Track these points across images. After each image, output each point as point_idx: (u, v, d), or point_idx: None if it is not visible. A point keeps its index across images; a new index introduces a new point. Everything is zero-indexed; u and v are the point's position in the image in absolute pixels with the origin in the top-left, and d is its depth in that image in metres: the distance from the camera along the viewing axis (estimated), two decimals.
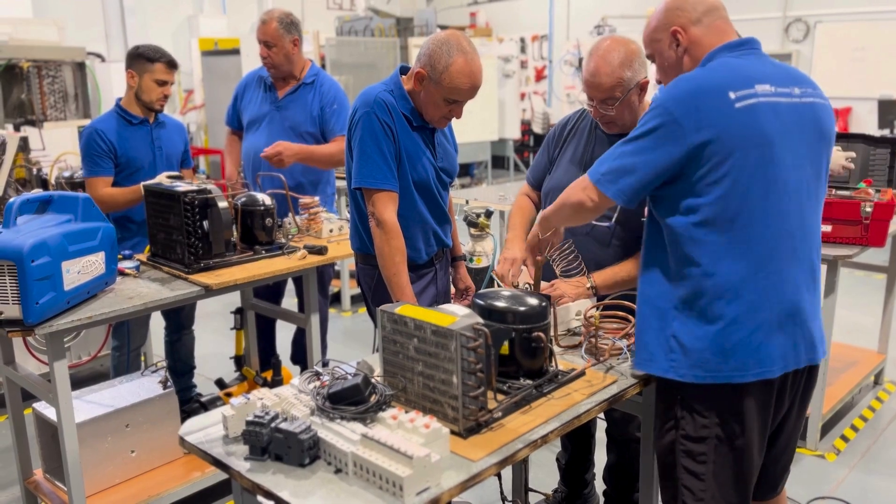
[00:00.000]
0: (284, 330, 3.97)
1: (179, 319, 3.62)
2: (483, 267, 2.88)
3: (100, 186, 3.21)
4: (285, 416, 1.56)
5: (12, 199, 2.44)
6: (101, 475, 2.80)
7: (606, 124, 2.37)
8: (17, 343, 3.31)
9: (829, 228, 3.21)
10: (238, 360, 3.81)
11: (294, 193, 3.39)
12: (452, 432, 1.57)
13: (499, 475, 1.97)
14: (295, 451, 1.48)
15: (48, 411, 2.73)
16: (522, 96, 12.25)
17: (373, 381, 1.63)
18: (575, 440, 2.78)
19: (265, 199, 3.05)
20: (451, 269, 2.76)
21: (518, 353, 1.80)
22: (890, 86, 8.50)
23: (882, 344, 4.17)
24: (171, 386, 3.01)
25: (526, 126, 12.20)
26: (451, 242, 2.70)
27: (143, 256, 2.97)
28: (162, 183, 3.00)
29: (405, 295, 2.36)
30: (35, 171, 4.26)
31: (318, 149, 3.49)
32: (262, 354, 3.81)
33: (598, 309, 2.07)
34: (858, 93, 8.69)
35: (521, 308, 1.81)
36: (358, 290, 4.06)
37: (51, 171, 4.24)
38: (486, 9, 12.95)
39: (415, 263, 2.50)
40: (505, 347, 1.79)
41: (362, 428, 1.51)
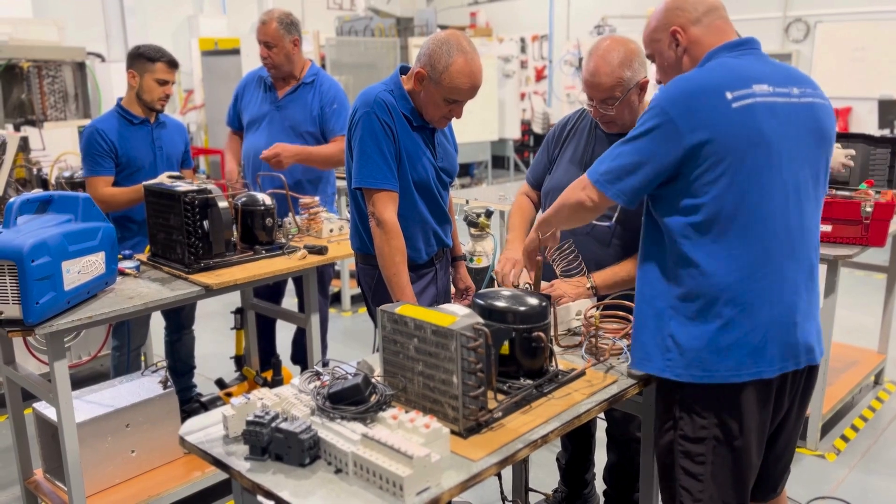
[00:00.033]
0: (284, 330, 3.97)
1: (179, 319, 3.62)
2: (483, 267, 2.89)
3: (100, 186, 3.21)
4: (285, 416, 1.56)
5: (12, 199, 2.44)
6: (101, 475, 2.80)
7: (606, 124, 2.37)
8: (18, 343, 3.31)
9: (829, 228, 3.21)
10: (238, 359, 3.81)
11: (294, 193, 3.39)
12: (453, 432, 1.57)
13: (499, 475, 1.97)
14: (295, 450, 1.48)
15: (48, 411, 2.73)
16: (522, 96, 12.25)
17: (373, 380, 1.63)
18: (575, 440, 2.78)
19: (265, 198, 3.05)
20: (451, 268, 2.76)
21: (518, 353, 1.80)
22: (890, 86, 8.50)
23: (882, 344, 4.17)
24: (172, 386, 3.01)
25: (526, 126, 12.20)
26: (452, 242, 2.70)
27: (144, 256, 2.97)
28: (163, 183, 3.01)
29: (405, 295, 2.36)
30: (35, 171, 4.26)
31: (316, 150, 3.49)
32: (263, 354, 3.82)
33: (598, 309, 2.08)
34: (858, 93, 8.69)
35: (522, 308, 1.81)
36: (358, 290, 4.06)
37: (51, 171, 4.24)
38: (487, 9, 12.95)
39: (415, 263, 2.50)
40: (505, 347, 1.79)
41: (362, 428, 1.51)
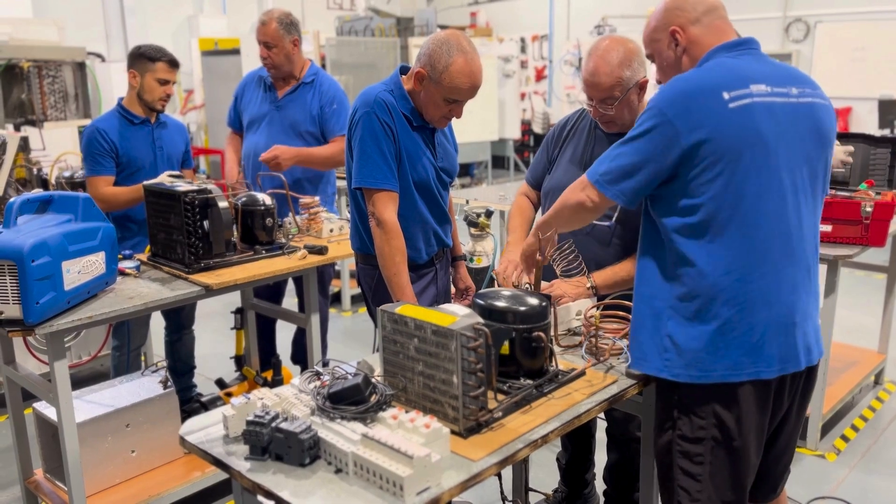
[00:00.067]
0: (285, 330, 3.97)
1: (180, 319, 3.62)
2: (483, 267, 2.89)
3: (101, 185, 3.21)
4: (286, 416, 1.56)
5: (13, 199, 2.45)
6: (101, 475, 2.80)
7: (606, 123, 2.37)
8: (18, 343, 3.31)
9: (829, 228, 3.20)
10: (238, 359, 3.81)
11: (294, 193, 3.39)
12: (453, 432, 1.57)
13: (499, 475, 1.97)
14: (295, 450, 1.48)
15: (48, 411, 2.73)
16: (522, 96, 12.25)
17: (373, 380, 1.63)
18: (575, 440, 2.78)
19: (265, 198, 3.05)
20: (451, 268, 2.76)
21: (518, 353, 1.80)
22: (890, 86, 8.50)
23: (882, 344, 4.17)
24: (172, 386, 3.01)
25: (526, 126, 12.20)
26: (452, 242, 2.70)
27: (144, 256, 2.97)
28: (163, 183, 3.01)
29: (405, 295, 2.36)
30: (35, 171, 4.26)
31: (315, 151, 3.49)
32: (263, 354, 3.82)
33: (598, 309, 2.08)
34: (859, 93, 8.69)
35: (522, 308, 1.81)
36: (358, 290, 4.06)
37: (51, 171, 4.24)
38: (487, 9, 12.95)
39: (415, 263, 2.50)
40: (505, 347, 1.79)
41: (363, 428, 1.51)
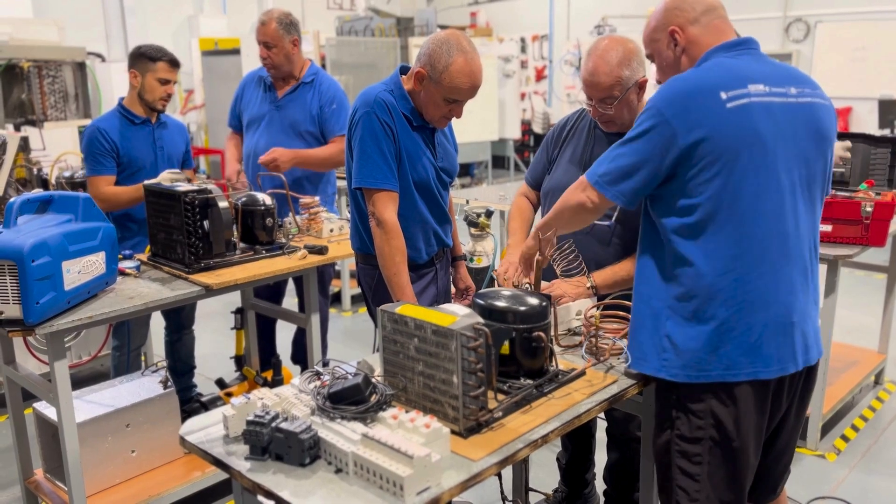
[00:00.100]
0: (285, 330, 3.97)
1: (180, 319, 3.62)
2: (483, 267, 2.89)
3: (102, 185, 3.21)
4: (286, 416, 1.56)
5: (13, 199, 2.45)
6: (101, 475, 2.80)
7: (605, 123, 2.37)
8: (18, 343, 3.31)
9: (829, 228, 3.20)
10: (238, 359, 3.81)
11: (294, 193, 3.39)
12: (453, 432, 1.57)
13: (499, 475, 1.97)
14: (295, 450, 1.48)
15: (49, 411, 2.73)
16: (523, 96, 12.25)
17: (373, 380, 1.63)
18: (575, 440, 2.78)
19: (265, 198, 3.05)
20: (451, 268, 2.76)
21: (518, 353, 1.80)
22: (890, 86, 8.49)
23: (882, 344, 4.17)
24: (172, 386, 3.01)
25: (526, 126, 12.20)
26: (452, 242, 2.70)
27: (144, 256, 2.97)
28: (163, 181, 3.03)
29: (405, 295, 2.36)
30: (35, 171, 4.26)
31: (313, 152, 3.49)
32: (263, 354, 3.82)
33: (598, 308, 2.08)
34: (859, 93, 8.69)
35: (522, 308, 1.81)
36: (358, 290, 4.06)
37: (51, 171, 4.24)
38: (487, 9, 12.95)
39: (415, 263, 2.50)
40: (505, 347, 1.79)
41: (363, 428, 1.51)
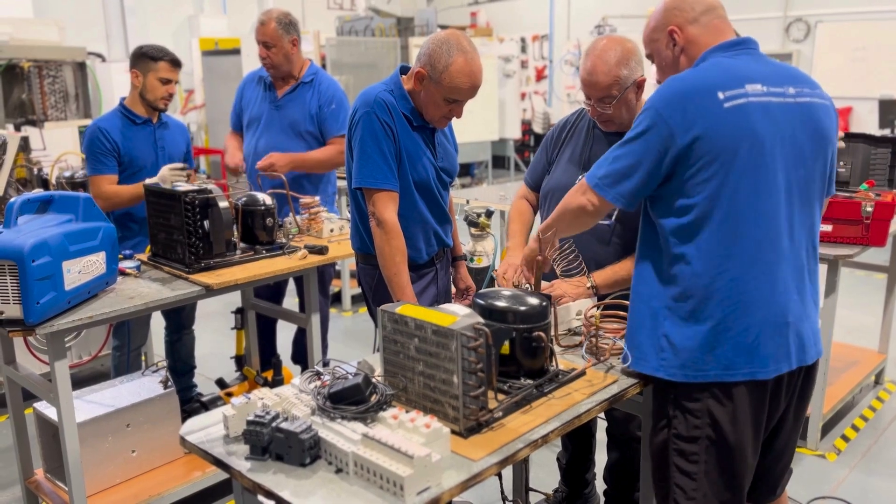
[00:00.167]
0: (285, 330, 3.97)
1: (180, 319, 3.62)
2: (483, 266, 2.89)
3: (104, 184, 3.22)
4: (286, 416, 1.56)
5: (13, 199, 2.45)
6: (101, 475, 2.80)
7: (604, 123, 2.37)
8: (18, 343, 3.31)
9: (829, 228, 3.20)
10: (239, 359, 3.81)
11: (295, 193, 3.39)
12: (453, 432, 1.57)
13: (499, 475, 1.97)
14: (296, 450, 1.48)
15: (49, 411, 2.73)
16: (523, 96, 12.24)
17: (373, 380, 1.63)
18: (575, 440, 2.78)
19: (266, 198, 3.06)
20: (451, 268, 2.76)
21: (518, 353, 1.80)
22: (891, 85, 8.49)
23: (882, 344, 4.16)
24: (172, 386, 3.01)
25: (526, 126, 12.20)
26: (452, 242, 2.70)
27: (144, 256, 2.97)
28: (164, 177, 3.07)
29: (406, 295, 2.36)
30: (36, 171, 4.26)
31: (310, 155, 3.50)
32: (263, 354, 3.82)
33: (598, 308, 2.08)
34: (859, 93, 8.69)
35: (522, 308, 1.81)
36: (358, 290, 4.06)
37: (51, 170, 4.24)
38: (487, 9, 12.95)
39: (415, 263, 2.50)
40: (505, 347, 1.79)
41: (363, 428, 1.51)
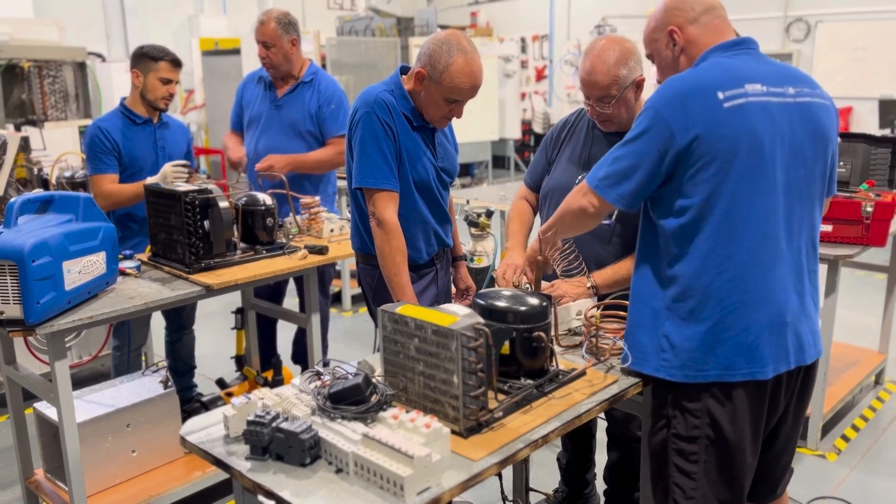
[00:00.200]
0: (285, 330, 3.97)
1: (180, 319, 3.62)
2: (484, 267, 2.89)
3: (105, 183, 3.22)
4: (286, 416, 1.56)
5: (13, 199, 2.45)
6: (102, 475, 2.80)
7: (603, 122, 2.37)
8: (18, 343, 3.31)
9: (829, 228, 3.20)
10: (239, 359, 3.82)
11: (295, 193, 3.39)
12: (453, 432, 1.57)
13: (499, 475, 1.97)
14: (296, 450, 1.48)
15: (49, 411, 2.73)
16: (523, 96, 12.25)
17: (373, 380, 1.63)
18: (575, 440, 2.78)
19: (266, 198, 3.06)
20: (451, 268, 2.76)
21: (519, 353, 1.80)
22: (891, 85, 8.49)
23: (883, 344, 4.16)
24: (172, 386, 3.01)
25: (526, 126, 12.20)
26: (452, 242, 2.70)
27: (144, 256, 2.97)
28: (166, 174, 3.08)
29: (406, 295, 2.36)
30: (36, 171, 4.26)
31: (308, 156, 3.50)
32: (263, 354, 3.82)
33: (598, 308, 2.08)
34: (859, 92, 8.69)
35: (522, 308, 1.81)
36: (359, 290, 4.06)
37: (52, 170, 4.24)
38: (487, 9, 12.95)
39: (415, 263, 2.50)
40: (506, 347, 1.79)
41: (363, 428, 1.51)
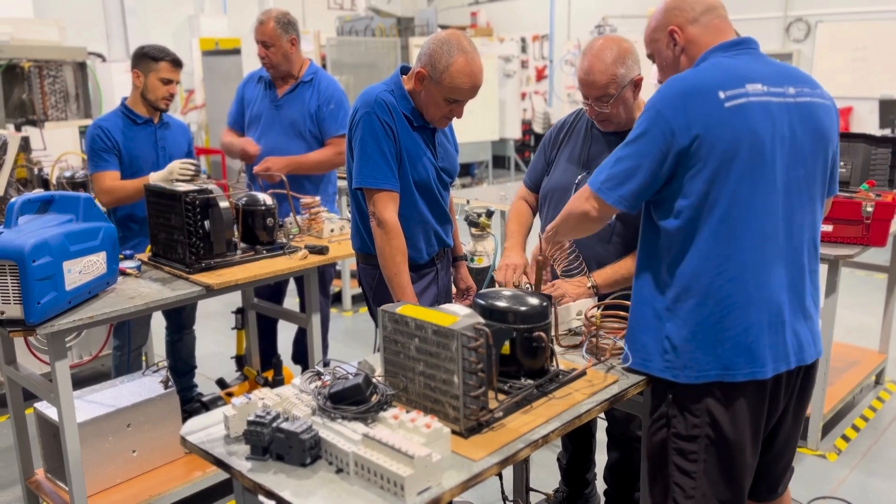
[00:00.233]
0: (285, 330, 3.97)
1: (180, 319, 3.62)
2: (484, 267, 2.89)
3: (106, 180, 3.22)
4: (286, 416, 1.56)
5: (13, 199, 2.45)
6: (102, 475, 2.80)
7: (602, 122, 2.37)
8: (19, 343, 3.31)
9: (829, 228, 3.20)
10: (239, 359, 3.82)
11: (295, 193, 3.40)
12: (453, 432, 1.57)
13: (500, 475, 1.97)
14: (296, 450, 1.48)
15: (49, 411, 2.73)
16: (523, 96, 12.25)
17: (374, 380, 1.63)
18: (575, 440, 2.79)
19: (266, 198, 3.06)
20: (452, 268, 2.76)
21: (519, 353, 1.80)
22: (891, 85, 8.49)
23: (883, 344, 4.16)
24: (173, 386, 3.01)
25: (527, 126, 12.20)
26: (452, 242, 2.70)
27: (145, 256, 2.97)
28: (173, 169, 3.12)
29: (406, 295, 2.36)
30: (36, 171, 4.25)
31: (307, 157, 3.50)
32: (264, 354, 3.82)
33: (598, 308, 2.08)
34: (859, 92, 8.69)
35: (522, 308, 1.81)
36: (359, 290, 4.07)
37: (52, 171, 4.24)
38: (487, 8, 12.95)
39: (416, 263, 2.50)
40: (506, 347, 1.79)
41: (363, 428, 1.51)
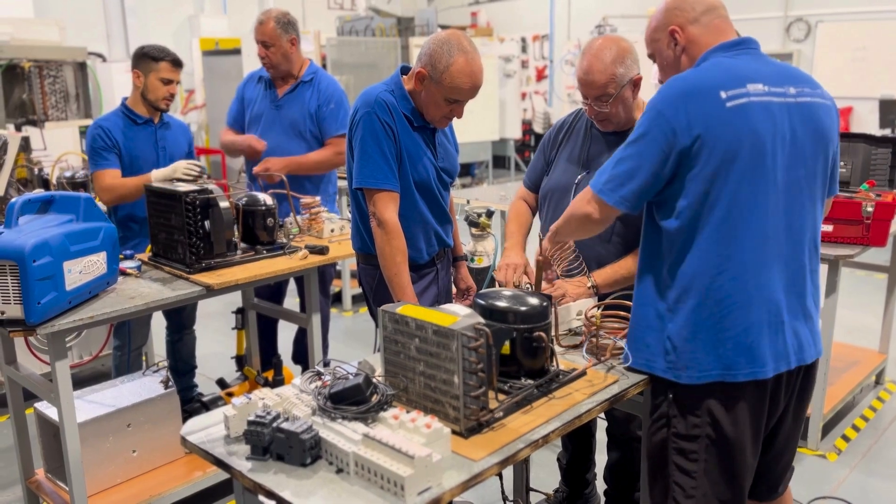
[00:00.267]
0: (286, 330, 3.97)
1: (181, 319, 3.62)
2: (484, 267, 2.89)
3: (107, 178, 3.22)
4: (287, 416, 1.56)
5: (14, 200, 2.45)
6: (102, 475, 2.80)
7: (601, 122, 2.37)
8: (19, 343, 3.31)
9: (830, 228, 3.20)
10: (239, 359, 3.82)
11: (295, 193, 3.40)
12: (454, 432, 1.57)
13: (500, 475, 1.97)
14: (296, 450, 1.48)
15: (50, 411, 2.73)
16: (523, 96, 12.25)
17: (374, 380, 1.63)
18: (576, 440, 2.79)
19: (266, 198, 3.06)
20: (452, 268, 2.76)
21: (519, 353, 1.80)
22: (891, 85, 8.49)
23: (883, 344, 4.16)
24: (173, 386, 3.01)
25: (527, 126, 12.20)
26: (453, 242, 2.70)
27: (145, 256, 2.97)
28: (178, 168, 3.13)
29: (406, 295, 2.36)
30: (36, 171, 4.26)
31: (306, 158, 3.50)
32: (264, 354, 3.82)
33: (599, 308, 2.08)
34: (860, 92, 8.68)
35: (523, 308, 1.81)
36: (359, 290, 4.07)
37: (52, 171, 4.24)
38: (487, 8, 12.95)
39: (416, 263, 2.50)
40: (506, 347, 1.79)
41: (364, 428, 1.51)
